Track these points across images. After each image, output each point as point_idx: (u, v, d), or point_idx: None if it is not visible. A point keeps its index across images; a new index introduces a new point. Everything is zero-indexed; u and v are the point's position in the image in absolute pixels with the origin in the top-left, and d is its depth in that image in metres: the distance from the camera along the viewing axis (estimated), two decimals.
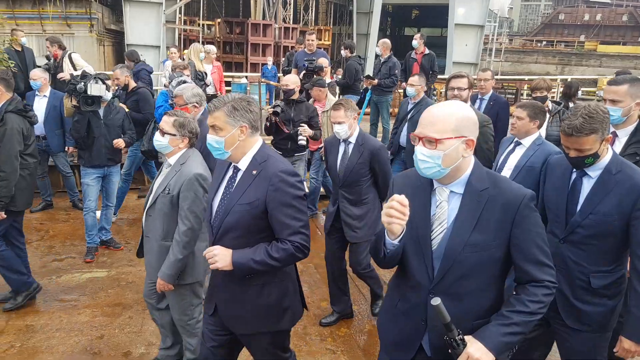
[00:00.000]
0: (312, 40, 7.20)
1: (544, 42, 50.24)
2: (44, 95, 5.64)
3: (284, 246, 2.13)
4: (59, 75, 6.72)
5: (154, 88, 8.02)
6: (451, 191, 1.75)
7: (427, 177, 1.75)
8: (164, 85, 7.14)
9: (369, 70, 11.76)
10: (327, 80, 6.50)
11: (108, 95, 4.74)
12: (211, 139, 2.16)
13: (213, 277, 2.38)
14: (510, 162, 3.31)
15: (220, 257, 2.13)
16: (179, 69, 5.73)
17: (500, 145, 3.53)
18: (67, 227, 5.76)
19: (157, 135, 2.86)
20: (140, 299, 3.99)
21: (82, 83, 4.49)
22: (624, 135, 2.82)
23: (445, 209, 1.74)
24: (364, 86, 7.96)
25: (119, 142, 4.77)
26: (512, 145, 3.36)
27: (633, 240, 2.21)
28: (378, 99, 7.80)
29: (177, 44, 14.69)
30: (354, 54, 7.97)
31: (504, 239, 1.70)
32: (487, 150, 3.95)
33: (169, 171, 2.84)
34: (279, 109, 5.03)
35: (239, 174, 2.22)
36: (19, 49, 7.41)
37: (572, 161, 2.27)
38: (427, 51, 7.97)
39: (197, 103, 3.98)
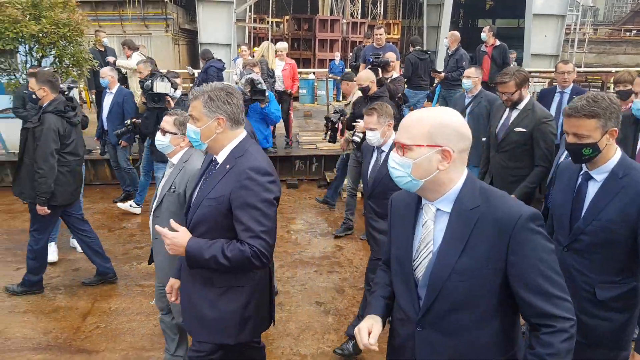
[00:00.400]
0: (381, 34, 7.12)
1: (634, 32, 46.20)
2: (111, 92, 6.05)
3: (241, 247, 1.97)
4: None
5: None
6: (438, 209, 1.52)
7: (404, 188, 1.56)
8: (235, 82, 7.38)
9: (440, 64, 11.45)
10: (395, 74, 6.38)
11: (177, 93, 4.89)
12: (189, 128, 2.10)
13: (181, 273, 2.29)
14: None
15: (178, 237, 2.01)
16: (249, 67, 5.87)
17: (561, 142, 3.23)
18: (147, 217, 6.08)
19: (159, 135, 2.81)
20: None
21: (149, 81, 4.67)
22: None
23: (431, 229, 1.53)
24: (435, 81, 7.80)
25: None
26: None
27: None
28: (447, 93, 7.58)
29: (247, 42, 15.12)
30: (416, 48, 7.79)
31: (500, 265, 1.44)
32: (545, 149, 3.62)
33: (173, 170, 2.77)
34: (334, 117, 5.31)
35: (217, 168, 2.12)
36: (102, 49, 7.99)
37: (569, 148, 2.11)
38: (497, 43, 7.63)
39: None
